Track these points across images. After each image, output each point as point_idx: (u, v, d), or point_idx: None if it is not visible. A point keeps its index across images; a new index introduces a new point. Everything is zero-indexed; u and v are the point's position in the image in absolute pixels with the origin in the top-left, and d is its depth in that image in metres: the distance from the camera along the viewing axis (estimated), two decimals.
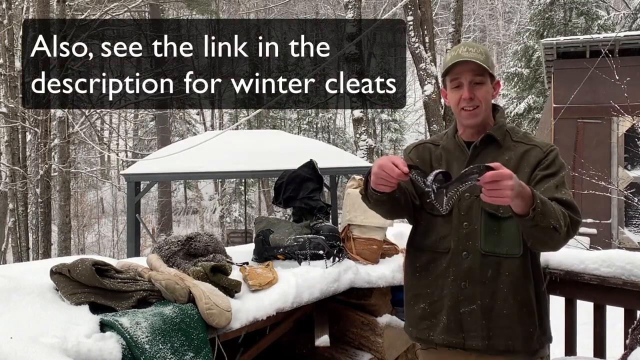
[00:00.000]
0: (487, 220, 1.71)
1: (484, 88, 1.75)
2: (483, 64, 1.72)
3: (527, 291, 1.70)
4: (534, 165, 1.72)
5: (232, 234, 17.38)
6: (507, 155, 1.74)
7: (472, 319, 1.71)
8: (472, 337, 1.72)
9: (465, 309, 1.72)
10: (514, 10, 34.96)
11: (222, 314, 1.94)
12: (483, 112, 1.76)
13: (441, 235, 1.78)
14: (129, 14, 15.42)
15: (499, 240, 1.70)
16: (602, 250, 2.37)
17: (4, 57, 10.76)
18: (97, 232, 24.12)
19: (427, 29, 10.58)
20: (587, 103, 9.77)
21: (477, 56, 1.73)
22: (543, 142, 1.77)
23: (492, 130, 1.78)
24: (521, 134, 1.81)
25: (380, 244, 2.69)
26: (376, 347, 2.61)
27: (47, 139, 10.16)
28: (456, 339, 1.74)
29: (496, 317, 1.70)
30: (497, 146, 1.77)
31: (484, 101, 1.75)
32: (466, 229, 1.74)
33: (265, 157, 8.54)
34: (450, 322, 1.74)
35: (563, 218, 1.58)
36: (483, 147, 1.77)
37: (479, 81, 1.74)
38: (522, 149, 1.75)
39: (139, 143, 28.51)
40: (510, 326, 1.70)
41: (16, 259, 11.25)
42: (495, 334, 1.70)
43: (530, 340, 1.71)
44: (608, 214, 9.99)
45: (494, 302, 1.70)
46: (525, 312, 1.70)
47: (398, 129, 28.84)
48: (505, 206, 1.65)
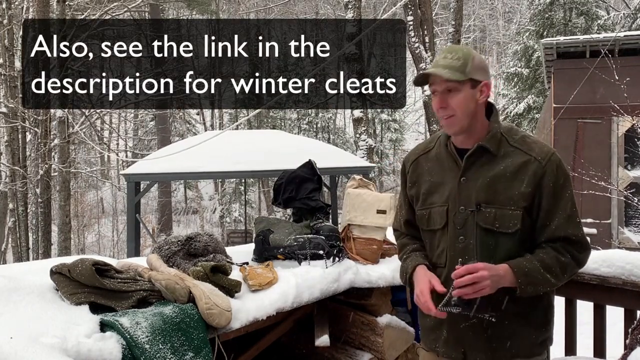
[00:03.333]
0: (483, 235, 1.68)
1: (458, 96, 1.66)
2: (455, 72, 1.65)
3: (528, 300, 1.67)
4: (533, 183, 1.64)
5: (232, 234, 17.39)
6: (502, 164, 1.68)
7: (473, 333, 1.70)
8: (474, 351, 1.71)
9: (465, 323, 1.70)
10: (514, 10, 34.97)
11: (222, 313, 1.94)
12: (460, 121, 1.68)
13: (440, 249, 1.77)
14: (129, 14, 15.42)
15: (495, 254, 1.68)
16: (602, 250, 2.37)
17: (4, 57, 10.76)
18: (97, 232, 24.13)
19: (427, 29, 10.58)
20: (587, 103, 9.77)
21: (452, 63, 1.66)
22: (541, 151, 1.67)
23: (485, 140, 1.70)
24: (519, 137, 1.72)
25: (380, 244, 2.69)
26: (376, 347, 2.61)
27: (47, 139, 10.16)
28: (456, 353, 1.75)
29: (499, 329, 1.68)
30: (491, 156, 1.70)
31: (459, 109, 1.66)
32: (462, 243, 1.71)
33: (265, 157, 8.54)
34: (449, 336, 1.75)
35: (560, 271, 1.62)
36: (476, 157, 1.71)
37: (452, 88, 1.66)
38: (519, 159, 1.66)
39: (139, 143, 28.52)
40: (512, 337, 1.69)
41: (16, 259, 11.25)
42: (499, 346, 1.69)
43: (534, 346, 1.71)
44: (608, 214, 9.99)
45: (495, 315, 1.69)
46: (527, 320, 1.70)
47: (398, 129, 28.83)
48: (503, 221, 1.65)
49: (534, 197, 1.64)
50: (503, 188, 1.66)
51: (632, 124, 8.83)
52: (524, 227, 1.65)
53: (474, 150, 1.70)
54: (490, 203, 1.67)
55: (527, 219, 1.65)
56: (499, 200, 1.66)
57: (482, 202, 1.68)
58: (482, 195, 1.68)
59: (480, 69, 1.68)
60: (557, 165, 1.65)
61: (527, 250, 1.67)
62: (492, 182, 1.68)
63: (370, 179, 5.44)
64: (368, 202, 2.66)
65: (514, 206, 1.64)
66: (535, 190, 1.64)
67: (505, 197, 1.66)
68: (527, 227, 1.66)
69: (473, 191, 1.70)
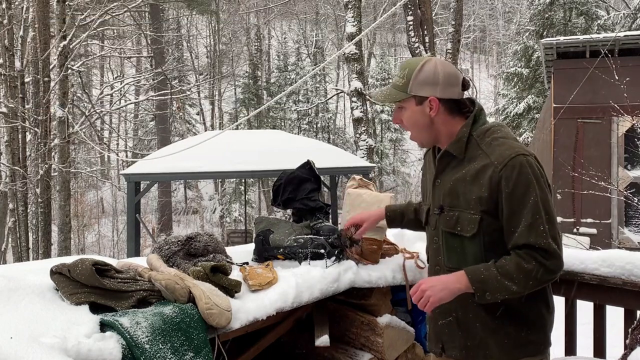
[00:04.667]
0: (448, 238, 1.73)
1: (406, 112, 1.75)
2: (397, 92, 1.72)
3: (499, 304, 1.67)
4: (489, 188, 1.62)
5: (232, 234, 17.38)
6: (466, 169, 1.69)
7: (450, 330, 1.78)
8: (451, 348, 1.79)
9: (443, 321, 1.78)
10: (514, 10, 34.98)
11: (222, 313, 1.94)
12: (418, 135, 1.77)
13: (427, 245, 1.90)
14: (129, 14, 15.42)
15: (463, 257, 1.70)
16: (602, 250, 2.37)
17: (4, 57, 10.75)
18: (97, 232, 24.13)
19: (427, 29, 10.57)
20: (587, 103, 9.78)
21: (397, 82, 1.73)
22: (501, 155, 1.61)
23: (450, 145, 1.73)
24: (489, 139, 1.68)
25: (380, 244, 2.69)
26: (376, 347, 2.61)
27: (47, 139, 10.14)
28: (436, 349, 1.84)
29: (471, 329, 1.73)
30: (459, 159, 1.72)
31: (410, 125, 1.76)
32: (435, 244, 1.80)
33: (265, 157, 8.54)
34: (431, 332, 1.86)
35: (523, 278, 1.58)
36: (447, 160, 1.75)
37: (401, 106, 1.76)
38: (480, 163, 1.65)
39: (139, 143, 28.53)
40: (484, 338, 1.71)
41: (16, 259, 11.25)
42: (472, 345, 1.73)
43: (510, 350, 1.70)
44: (608, 214, 9.99)
45: (466, 315, 1.73)
46: (501, 324, 1.69)
47: (398, 129, 28.82)
48: (463, 224, 1.67)
49: (495, 202, 1.63)
50: (463, 192, 1.68)
51: (632, 124, 8.84)
52: (483, 231, 1.65)
53: (442, 155, 1.76)
54: (453, 206, 1.71)
55: (488, 223, 1.64)
56: (460, 203, 1.69)
57: (445, 206, 1.73)
58: (447, 198, 1.73)
59: (425, 84, 1.70)
60: (517, 169, 1.58)
61: (500, 255, 1.65)
62: (454, 186, 1.71)
63: (370, 179, 5.45)
64: (368, 202, 2.66)
65: (473, 210, 1.65)
66: (493, 195, 1.62)
67: (465, 201, 1.68)
68: (491, 231, 1.65)
69: (441, 194, 1.75)
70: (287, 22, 37.77)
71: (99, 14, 12.41)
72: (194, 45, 33.72)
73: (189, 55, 32.87)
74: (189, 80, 29.35)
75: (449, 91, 1.71)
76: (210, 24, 33.20)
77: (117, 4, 13.32)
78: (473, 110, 1.75)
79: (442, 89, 1.70)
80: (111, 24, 16.25)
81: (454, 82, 1.71)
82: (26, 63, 11.49)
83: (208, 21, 33.36)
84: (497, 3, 38.54)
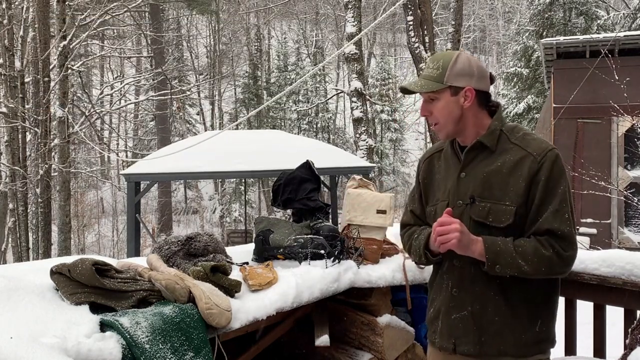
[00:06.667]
0: (476, 228, 1.71)
1: (439, 104, 1.75)
2: (432, 83, 1.73)
3: (520, 297, 1.70)
4: (528, 178, 1.66)
5: (232, 234, 17.39)
6: (500, 161, 1.72)
7: (463, 325, 1.75)
8: (463, 343, 1.76)
9: (456, 315, 1.77)
10: (514, 10, 34.95)
11: (222, 313, 1.94)
12: (445, 127, 1.77)
13: None
14: (129, 14, 15.41)
15: None
16: (602, 250, 2.37)
17: (4, 57, 10.74)
18: (97, 232, 24.12)
19: (427, 29, 10.56)
20: (587, 103, 9.77)
21: (431, 73, 1.75)
22: (539, 147, 1.69)
23: (483, 136, 1.75)
24: (520, 134, 1.75)
25: (380, 244, 2.69)
26: (376, 347, 2.61)
27: (47, 139, 10.13)
28: (447, 344, 1.80)
29: (487, 323, 1.72)
30: (489, 152, 1.74)
31: (442, 116, 1.76)
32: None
33: (265, 157, 8.54)
34: (443, 328, 1.81)
35: (537, 262, 1.61)
36: (475, 153, 1.76)
37: (432, 97, 1.76)
38: (517, 155, 1.70)
39: (139, 143, 28.52)
40: (501, 332, 1.71)
41: (16, 259, 11.24)
42: (487, 340, 1.72)
43: (524, 346, 1.71)
44: (608, 214, 9.99)
45: (484, 308, 1.72)
46: (519, 317, 1.70)
47: (398, 129, 28.82)
48: (496, 216, 1.68)
49: (528, 193, 1.67)
50: (499, 183, 1.70)
51: (632, 124, 8.84)
52: (515, 222, 1.68)
53: (472, 146, 1.76)
54: (485, 197, 1.71)
55: (520, 214, 1.68)
56: (494, 195, 1.70)
57: (476, 196, 1.72)
58: (478, 189, 1.73)
59: (462, 75, 1.73)
60: (553, 161, 1.67)
61: None
62: (488, 177, 1.72)
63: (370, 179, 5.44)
64: (368, 202, 2.66)
65: (509, 202, 1.68)
66: (529, 185, 1.67)
67: (501, 193, 1.69)
68: (519, 221, 1.69)
69: (470, 185, 1.74)
70: (287, 22, 37.79)
71: (99, 14, 12.41)
72: (194, 45, 33.78)
73: (189, 55, 32.98)
74: (189, 80, 29.44)
75: (483, 83, 1.76)
76: (210, 24, 33.25)
77: (117, 4, 13.31)
78: (497, 106, 1.81)
79: (477, 80, 1.74)
80: (111, 24, 16.26)
81: (485, 75, 1.77)
82: (26, 63, 11.48)
83: (208, 21, 33.42)
84: (497, 3, 38.52)
